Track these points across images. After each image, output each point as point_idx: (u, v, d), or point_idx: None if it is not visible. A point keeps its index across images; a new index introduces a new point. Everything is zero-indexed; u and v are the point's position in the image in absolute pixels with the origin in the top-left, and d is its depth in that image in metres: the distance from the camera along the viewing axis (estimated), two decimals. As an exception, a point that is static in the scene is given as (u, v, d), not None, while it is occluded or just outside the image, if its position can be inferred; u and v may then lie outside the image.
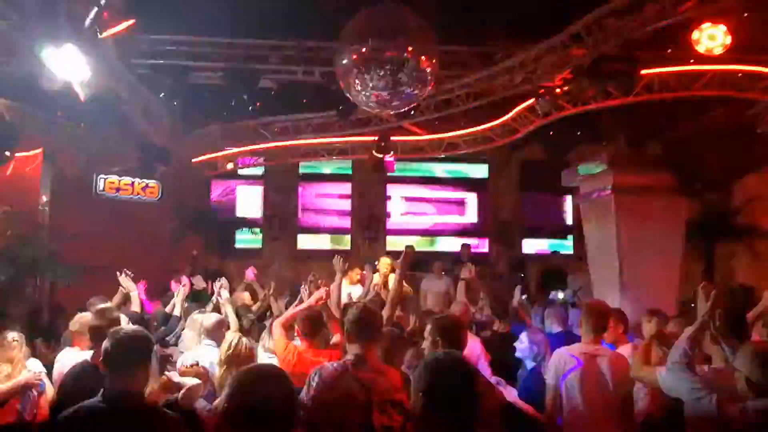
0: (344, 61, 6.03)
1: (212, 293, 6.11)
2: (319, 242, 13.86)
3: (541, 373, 4.28)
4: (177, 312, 5.80)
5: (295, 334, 4.51)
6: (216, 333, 4.55)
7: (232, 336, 3.93)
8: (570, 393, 3.70)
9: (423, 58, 5.85)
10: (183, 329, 5.27)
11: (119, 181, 10.87)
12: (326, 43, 7.90)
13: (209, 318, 4.73)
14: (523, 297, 9.06)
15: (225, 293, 5.40)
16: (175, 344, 5.35)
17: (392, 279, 5.81)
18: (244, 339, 3.84)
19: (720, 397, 2.75)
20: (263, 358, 4.41)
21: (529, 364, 4.58)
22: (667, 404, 3.38)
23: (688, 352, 2.95)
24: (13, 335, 4.38)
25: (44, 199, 9.97)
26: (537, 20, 7.42)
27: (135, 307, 5.47)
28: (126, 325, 3.87)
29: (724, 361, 3.18)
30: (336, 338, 4.44)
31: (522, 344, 4.61)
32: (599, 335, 3.91)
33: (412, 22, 5.84)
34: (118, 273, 5.65)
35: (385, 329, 3.67)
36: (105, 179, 10.71)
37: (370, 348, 2.96)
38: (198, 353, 4.31)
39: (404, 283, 5.35)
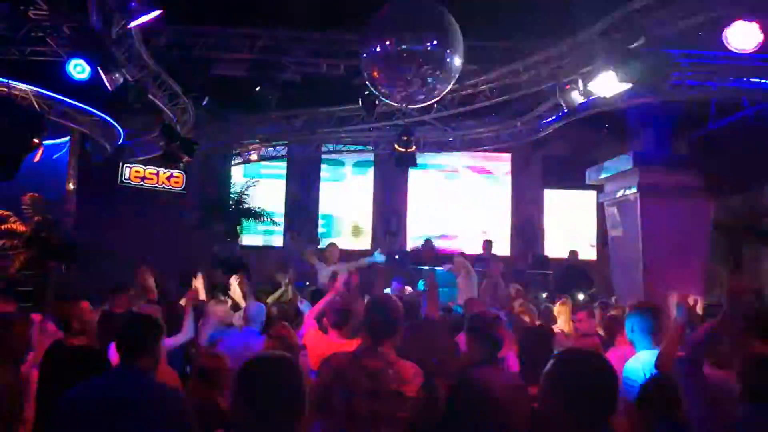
0: (369, 54, 6.02)
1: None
2: (340, 235, 13.88)
3: None
4: None
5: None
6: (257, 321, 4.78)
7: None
8: None
9: (448, 51, 5.81)
10: None
11: (144, 170, 11.00)
12: (351, 35, 7.89)
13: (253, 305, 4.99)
14: (544, 296, 9.03)
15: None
16: None
17: None
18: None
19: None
20: None
21: None
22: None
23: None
24: None
25: (71, 186, 10.12)
26: (564, 16, 7.32)
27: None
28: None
29: None
30: None
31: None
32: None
33: (437, 15, 5.81)
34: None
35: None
36: (130, 168, 10.85)
37: (383, 340, 2.93)
38: None
39: None
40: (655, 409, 3.04)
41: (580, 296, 8.14)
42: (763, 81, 8.04)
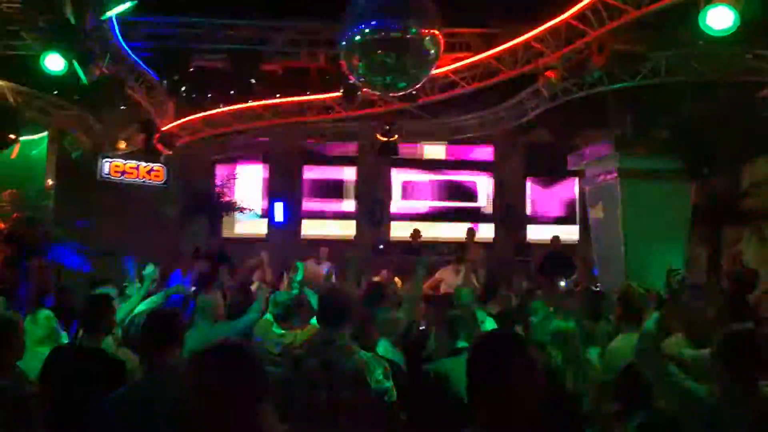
0: (347, 43, 6.00)
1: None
2: (324, 227, 13.86)
3: None
4: None
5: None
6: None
7: None
8: None
9: (426, 38, 5.80)
10: None
11: (124, 164, 10.89)
12: (330, 24, 7.85)
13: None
14: (524, 284, 9.06)
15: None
16: None
17: None
18: None
19: None
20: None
21: None
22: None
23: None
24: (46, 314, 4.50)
25: (50, 182, 10.01)
26: (541, 1, 7.34)
27: None
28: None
29: None
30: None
31: None
32: None
33: (415, 2, 5.80)
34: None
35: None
36: (110, 163, 10.73)
37: (337, 330, 2.96)
38: None
39: None
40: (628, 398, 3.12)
41: (561, 283, 8.19)
42: (740, 63, 8.12)
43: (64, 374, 3.46)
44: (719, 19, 6.32)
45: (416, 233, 11.60)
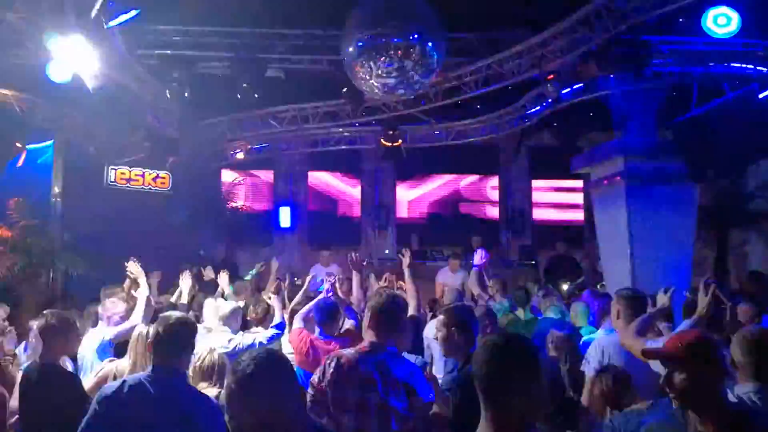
0: (351, 49, 6.02)
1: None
2: (329, 231, 13.86)
3: None
4: (184, 300, 5.93)
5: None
6: (232, 321, 4.77)
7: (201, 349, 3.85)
8: None
9: (429, 44, 5.82)
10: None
11: (130, 171, 10.92)
12: (333, 30, 7.87)
13: (225, 306, 4.94)
14: (534, 286, 9.05)
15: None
16: None
17: None
18: (213, 354, 3.74)
19: None
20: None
21: None
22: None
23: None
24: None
25: (56, 190, 10.05)
26: (545, 5, 7.34)
27: (143, 291, 5.52)
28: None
29: None
30: (348, 324, 4.59)
31: None
32: None
33: (418, 8, 5.82)
34: (132, 260, 5.69)
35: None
36: (116, 170, 10.76)
37: (388, 336, 3.00)
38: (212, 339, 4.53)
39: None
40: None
41: (564, 286, 8.18)
42: (743, 66, 8.10)
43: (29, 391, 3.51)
44: (722, 21, 6.34)
45: (417, 239, 11.67)
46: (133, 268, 5.31)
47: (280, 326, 4.88)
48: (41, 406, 3.39)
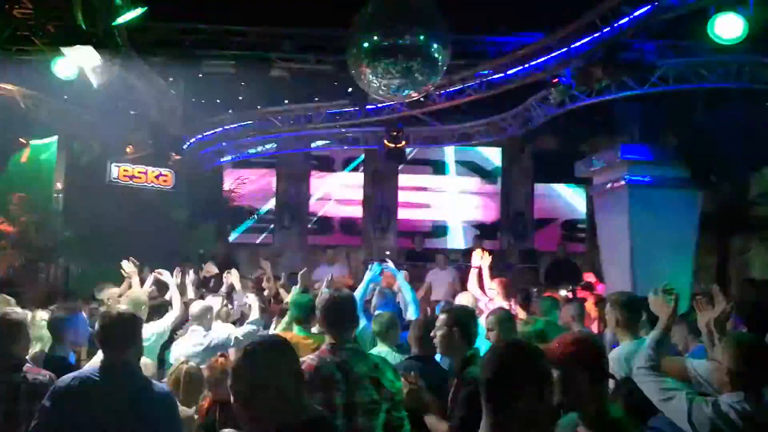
0: (356, 49, 6.01)
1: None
2: (330, 232, 13.87)
3: None
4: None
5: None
6: (203, 319, 4.82)
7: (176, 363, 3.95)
8: None
9: (434, 46, 5.82)
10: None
11: (133, 168, 10.92)
12: (338, 30, 7.87)
13: (196, 305, 5.01)
14: (534, 290, 9.06)
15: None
16: None
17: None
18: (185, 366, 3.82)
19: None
20: None
21: None
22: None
23: (652, 355, 2.87)
24: (41, 314, 4.51)
25: (58, 186, 10.06)
26: (551, 8, 7.34)
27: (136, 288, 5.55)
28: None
29: None
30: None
31: None
32: None
33: (424, 9, 5.81)
34: (128, 260, 5.71)
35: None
36: (119, 167, 10.76)
37: (345, 334, 3.05)
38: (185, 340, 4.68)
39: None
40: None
41: (562, 292, 8.16)
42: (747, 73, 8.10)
43: None
44: (728, 27, 6.32)
45: (419, 241, 11.67)
46: (127, 267, 5.35)
47: (257, 323, 4.98)
48: None
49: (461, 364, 3.30)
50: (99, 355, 3.59)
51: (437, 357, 3.81)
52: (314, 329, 4.41)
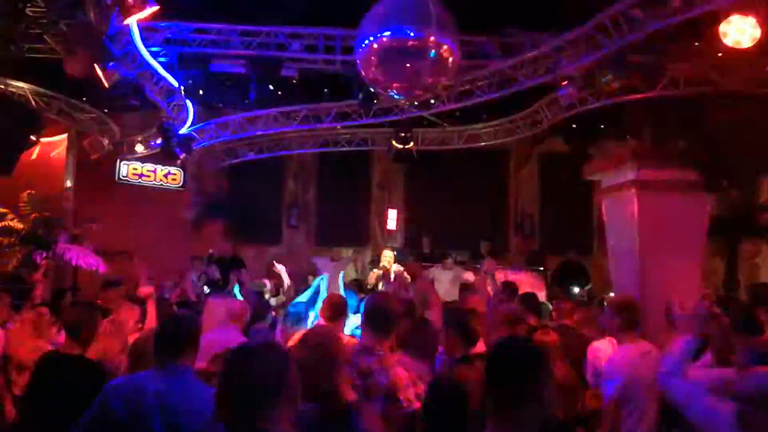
0: (365, 50, 6.02)
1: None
2: (338, 231, 13.86)
3: None
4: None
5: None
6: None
7: None
8: None
9: (444, 47, 5.81)
10: None
11: (142, 167, 10.98)
12: (347, 31, 7.88)
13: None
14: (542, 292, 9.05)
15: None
16: None
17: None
18: None
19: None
20: None
21: None
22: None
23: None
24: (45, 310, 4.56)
25: (68, 183, 10.13)
26: (561, 10, 7.32)
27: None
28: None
29: None
30: None
31: None
32: None
33: (433, 10, 5.80)
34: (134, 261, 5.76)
35: None
36: (128, 165, 10.83)
37: (380, 338, 2.95)
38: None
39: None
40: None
41: (576, 290, 8.13)
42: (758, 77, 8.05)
43: (47, 381, 3.51)
44: (740, 32, 6.29)
45: (427, 242, 11.67)
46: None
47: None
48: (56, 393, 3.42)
49: (457, 363, 3.31)
50: None
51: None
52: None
